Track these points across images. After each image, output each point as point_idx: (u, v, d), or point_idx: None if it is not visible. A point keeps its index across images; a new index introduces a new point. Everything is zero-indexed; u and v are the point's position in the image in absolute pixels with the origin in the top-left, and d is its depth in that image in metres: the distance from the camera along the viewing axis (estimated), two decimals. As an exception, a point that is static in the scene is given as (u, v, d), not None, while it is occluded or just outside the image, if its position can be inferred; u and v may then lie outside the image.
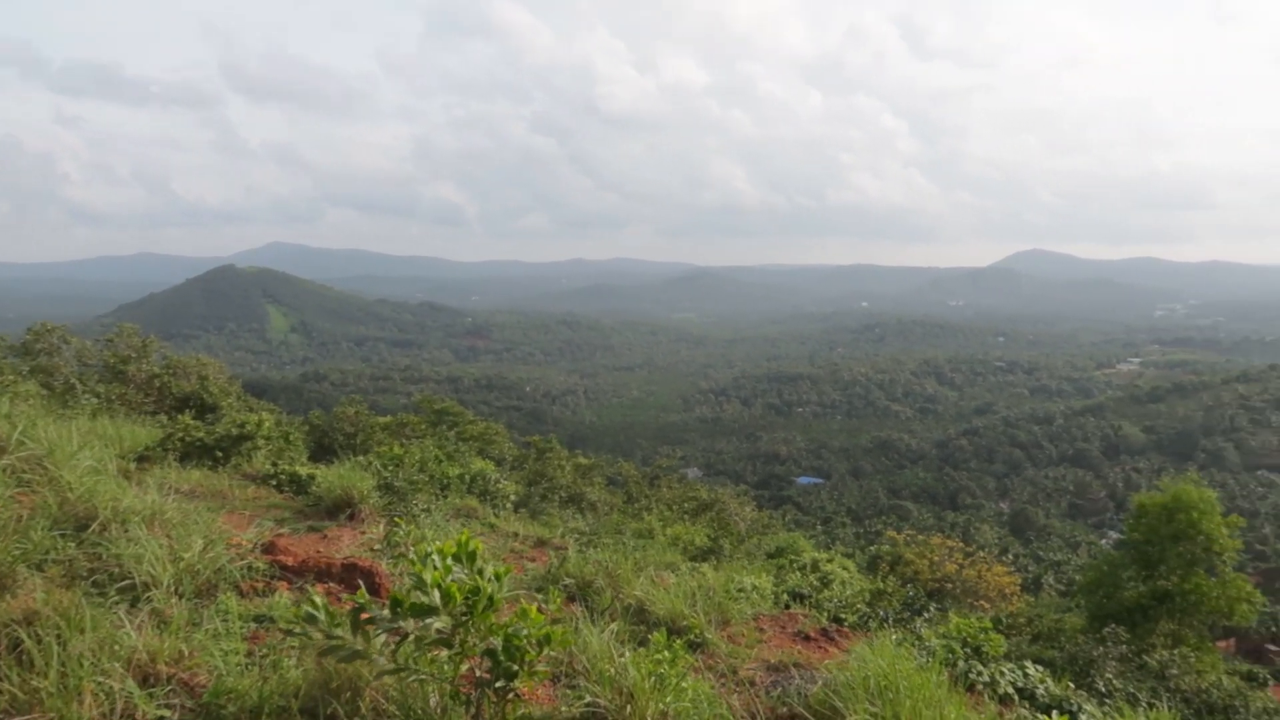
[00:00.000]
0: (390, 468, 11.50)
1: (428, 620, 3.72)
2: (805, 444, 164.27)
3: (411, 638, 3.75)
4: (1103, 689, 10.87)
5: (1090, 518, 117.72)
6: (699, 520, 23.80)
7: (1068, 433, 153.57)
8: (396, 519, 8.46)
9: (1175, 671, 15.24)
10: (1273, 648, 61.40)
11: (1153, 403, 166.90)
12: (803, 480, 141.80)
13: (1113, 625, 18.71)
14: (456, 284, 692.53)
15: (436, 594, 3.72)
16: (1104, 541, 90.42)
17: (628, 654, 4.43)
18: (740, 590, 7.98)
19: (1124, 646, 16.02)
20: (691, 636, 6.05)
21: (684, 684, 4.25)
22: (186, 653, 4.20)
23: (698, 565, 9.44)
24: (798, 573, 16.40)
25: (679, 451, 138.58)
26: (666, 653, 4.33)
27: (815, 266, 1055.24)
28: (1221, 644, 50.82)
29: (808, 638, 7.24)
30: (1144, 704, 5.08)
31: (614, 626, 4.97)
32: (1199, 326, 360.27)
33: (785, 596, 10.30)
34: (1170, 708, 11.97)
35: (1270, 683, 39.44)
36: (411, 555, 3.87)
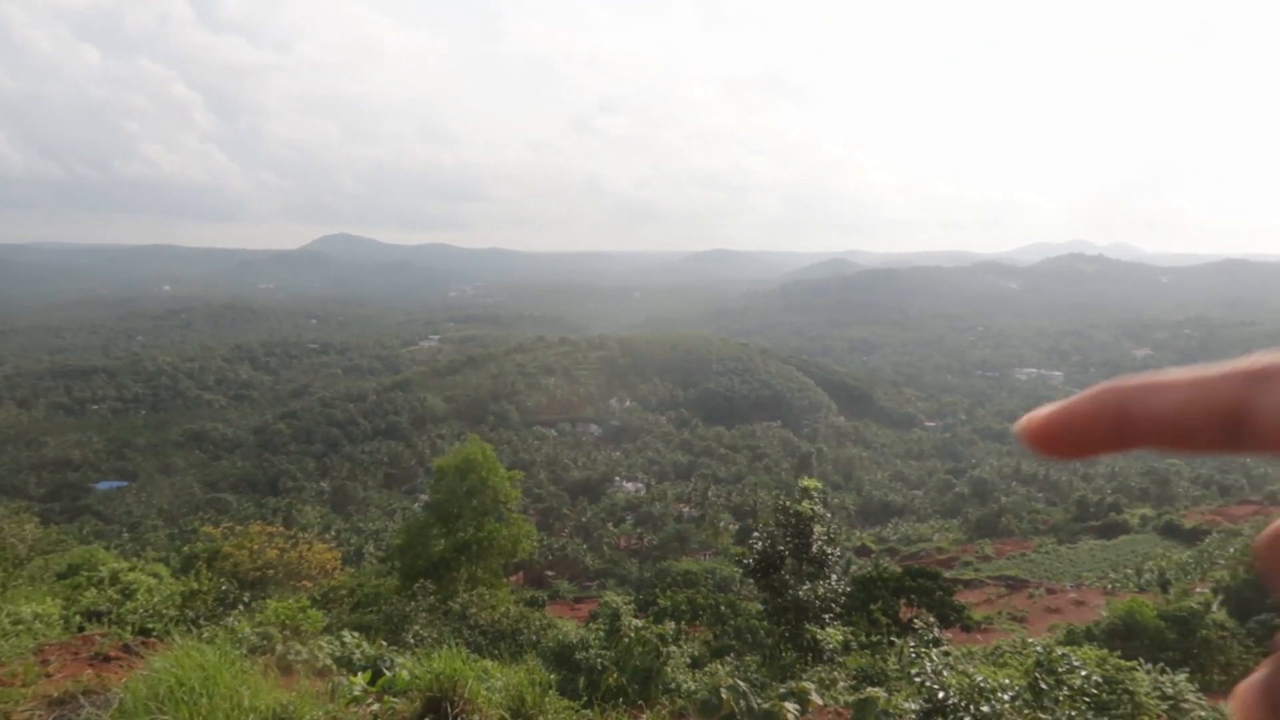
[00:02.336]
0: None
1: None
2: (104, 445, 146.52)
3: None
4: (412, 640, 12.00)
5: (404, 485, 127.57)
6: (-43, 552, 19.57)
7: (380, 408, 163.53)
8: None
9: (474, 610, 17.57)
10: (550, 573, 74.22)
11: (451, 375, 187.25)
12: (103, 485, 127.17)
13: (423, 580, 20.67)
14: None
15: None
16: (416, 505, 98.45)
17: None
18: (17, 623, 6.92)
19: (432, 598, 17.90)
20: (-58, 693, 5.05)
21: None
22: None
23: (-46, 606, 7.85)
24: (94, 589, 14.72)
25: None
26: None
27: (106, 246, 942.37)
28: (514, 578, 59.75)
29: (107, 658, 6.60)
30: (449, 644, 5.80)
31: None
32: (485, 305, 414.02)
33: (79, 618, 9.28)
34: (470, 642, 13.76)
35: (547, 602, 47.58)
36: None
